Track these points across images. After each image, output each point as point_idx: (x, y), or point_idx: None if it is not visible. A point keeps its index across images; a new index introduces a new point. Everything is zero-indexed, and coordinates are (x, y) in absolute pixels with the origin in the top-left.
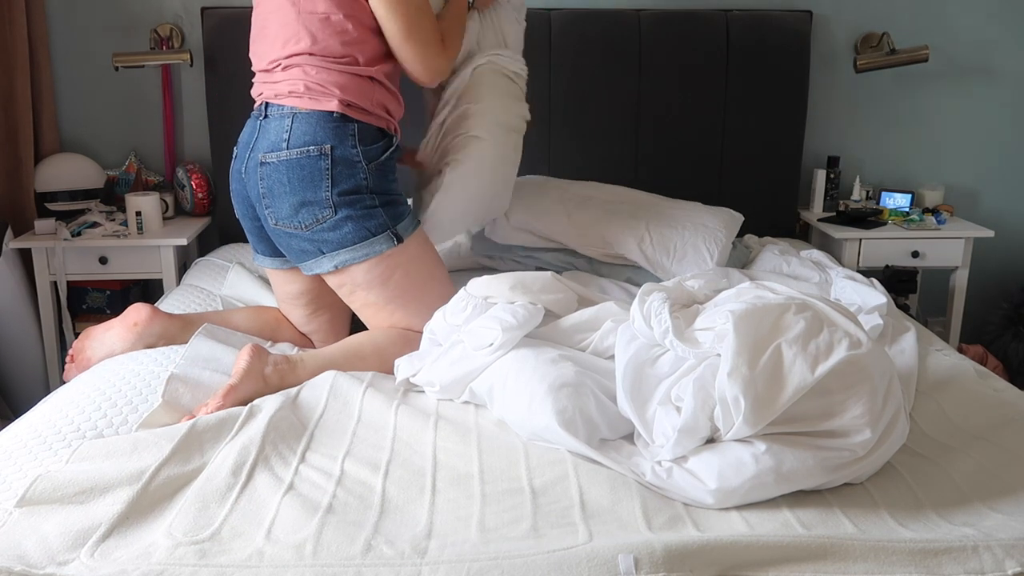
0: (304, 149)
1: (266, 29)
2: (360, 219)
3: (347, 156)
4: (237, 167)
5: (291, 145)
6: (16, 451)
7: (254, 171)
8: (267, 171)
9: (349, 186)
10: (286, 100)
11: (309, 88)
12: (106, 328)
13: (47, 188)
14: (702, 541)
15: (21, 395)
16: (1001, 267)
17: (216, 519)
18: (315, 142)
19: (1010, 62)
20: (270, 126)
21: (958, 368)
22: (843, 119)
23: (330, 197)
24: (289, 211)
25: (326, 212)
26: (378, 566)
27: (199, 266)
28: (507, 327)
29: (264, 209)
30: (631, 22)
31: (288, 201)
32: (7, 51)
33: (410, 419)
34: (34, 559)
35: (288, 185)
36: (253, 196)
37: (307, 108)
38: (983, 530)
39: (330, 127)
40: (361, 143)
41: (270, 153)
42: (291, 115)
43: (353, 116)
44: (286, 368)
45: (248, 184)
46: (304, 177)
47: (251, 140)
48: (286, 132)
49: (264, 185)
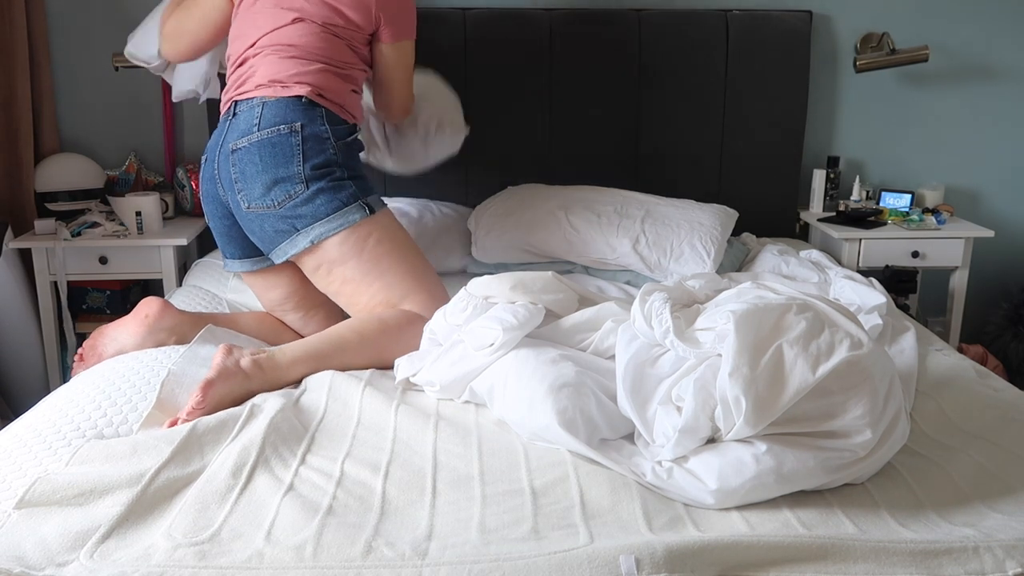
0: (275, 128)
1: (244, 27)
2: (332, 191)
3: (317, 132)
4: (207, 169)
5: (262, 127)
6: (16, 451)
7: (226, 161)
8: (239, 156)
9: (320, 160)
10: (254, 93)
11: (279, 80)
12: (118, 325)
13: (47, 188)
14: (703, 542)
15: (21, 395)
16: (1001, 267)
17: (216, 520)
18: (285, 121)
19: (1010, 62)
20: (239, 120)
21: (958, 368)
22: (843, 119)
23: (302, 171)
24: (262, 190)
25: (298, 187)
26: (379, 567)
27: (199, 267)
28: (508, 327)
29: (237, 195)
30: (631, 22)
31: (260, 180)
32: (7, 51)
33: (410, 420)
34: (33, 560)
35: (260, 164)
36: (226, 185)
37: (276, 96)
38: (983, 530)
39: (300, 108)
40: (330, 123)
41: (241, 139)
42: (260, 104)
43: (320, 103)
44: (263, 358)
45: (221, 177)
46: (276, 154)
47: (220, 139)
48: (256, 119)
49: (236, 170)
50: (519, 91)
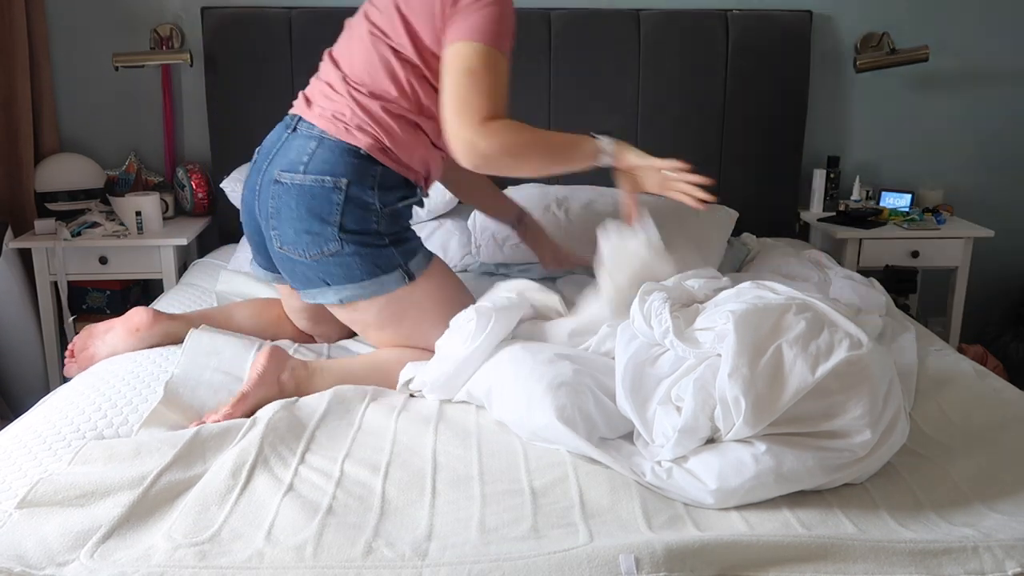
0: (319, 178)
1: (350, 43)
2: (369, 256)
3: (361, 197)
4: (252, 179)
5: (308, 170)
6: (16, 452)
7: (267, 188)
8: (279, 191)
9: (357, 228)
10: (318, 121)
11: (346, 119)
12: (107, 328)
13: (47, 188)
14: (703, 541)
15: (21, 395)
16: (1001, 267)
17: (216, 521)
18: (332, 173)
19: (1010, 62)
20: (294, 143)
21: (958, 368)
22: (843, 119)
23: (337, 231)
24: (294, 236)
25: (332, 245)
26: (379, 568)
27: (198, 267)
28: (482, 311)
29: (271, 230)
30: (631, 22)
31: (294, 227)
32: (7, 51)
33: (410, 423)
34: (34, 560)
35: (296, 211)
36: (262, 212)
37: (335, 136)
38: (983, 530)
39: (352, 163)
40: (380, 188)
41: (285, 173)
42: (318, 139)
43: (381, 160)
44: (303, 375)
45: (260, 199)
46: (314, 207)
47: (271, 151)
48: (307, 155)
49: (273, 205)
50: (519, 91)
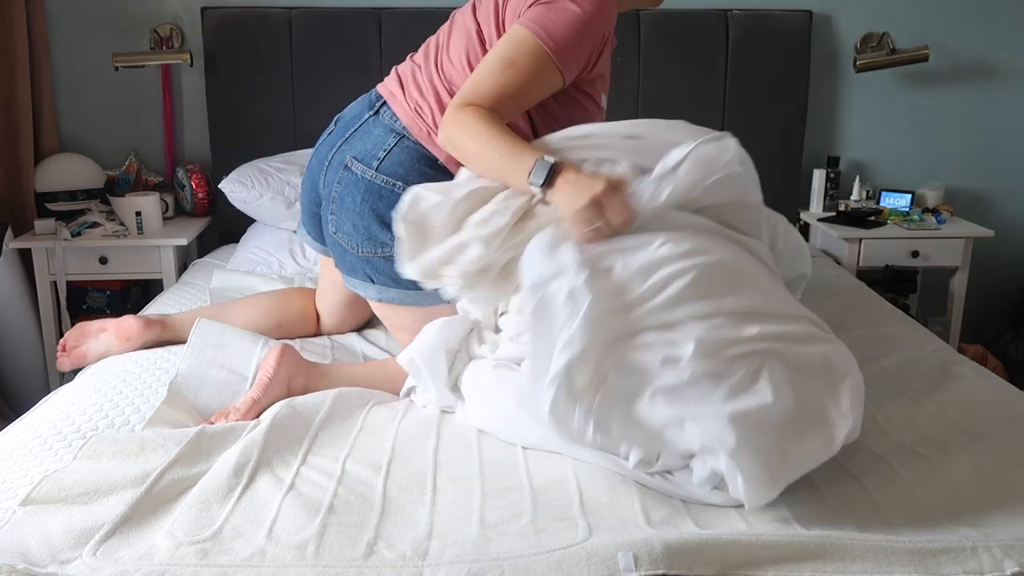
0: (391, 180)
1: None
2: None
3: None
4: (323, 151)
5: (381, 168)
6: (16, 451)
7: (335, 170)
8: (347, 178)
9: None
10: (402, 114)
11: (427, 119)
12: (100, 328)
13: (47, 188)
14: (702, 539)
15: (21, 395)
16: (1001, 267)
17: (217, 519)
18: (405, 179)
19: (1010, 62)
20: (374, 131)
21: (958, 368)
22: (843, 119)
23: (394, 239)
24: (351, 228)
25: (386, 248)
26: (380, 567)
27: (197, 267)
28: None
29: (329, 213)
30: (631, 22)
31: (352, 220)
32: (7, 51)
33: (412, 424)
34: (36, 557)
35: (359, 207)
36: (325, 192)
37: (417, 137)
38: (982, 530)
39: (427, 172)
40: None
41: (358, 163)
42: (399, 135)
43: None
44: (313, 378)
45: (326, 176)
46: (378, 209)
47: (348, 129)
48: (383, 151)
49: (337, 191)
50: None
